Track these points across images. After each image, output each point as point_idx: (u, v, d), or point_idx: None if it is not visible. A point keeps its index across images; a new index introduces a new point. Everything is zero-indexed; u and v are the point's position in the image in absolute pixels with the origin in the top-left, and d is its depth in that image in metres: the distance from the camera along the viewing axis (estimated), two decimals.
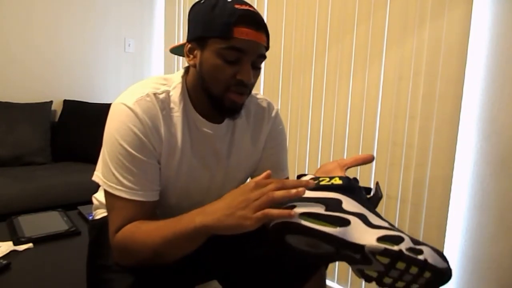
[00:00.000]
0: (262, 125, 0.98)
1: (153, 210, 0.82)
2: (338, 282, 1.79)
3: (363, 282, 1.70)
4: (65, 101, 2.68)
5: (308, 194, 0.64)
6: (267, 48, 0.84)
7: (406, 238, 0.57)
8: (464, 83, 1.35)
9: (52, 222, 1.41)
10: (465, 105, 1.37)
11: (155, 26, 3.11)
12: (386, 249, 0.55)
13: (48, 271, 1.11)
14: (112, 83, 2.96)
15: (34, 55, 2.64)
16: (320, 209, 0.61)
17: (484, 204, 1.35)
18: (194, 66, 0.84)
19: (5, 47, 2.53)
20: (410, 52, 1.47)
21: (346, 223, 0.59)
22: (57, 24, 2.69)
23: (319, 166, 1.87)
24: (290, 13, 1.92)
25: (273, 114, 1.00)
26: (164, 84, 0.85)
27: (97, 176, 0.83)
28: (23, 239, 1.24)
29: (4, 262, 1.09)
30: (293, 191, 0.62)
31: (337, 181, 0.66)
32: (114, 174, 0.78)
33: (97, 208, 1.01)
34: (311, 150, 1.88)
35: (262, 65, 0.88)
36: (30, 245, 1.23)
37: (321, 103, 1.82)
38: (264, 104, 0.99)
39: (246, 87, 0.82)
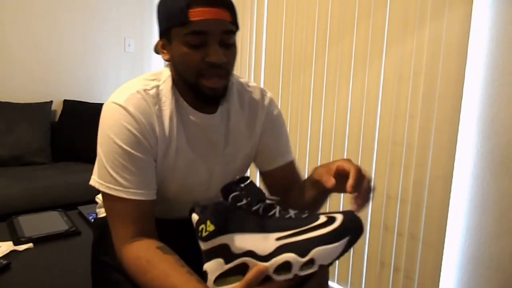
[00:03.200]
0: (257, 112, 0.96)
1: (151, 210, 0.81)
2: (338, 282, 1.80)
3: (363, 282, 1.70)
4: (65, 101, 2.68)
5: (205, 245, 0.61)
6: (234, 23, 0.81)
7: (294, 259, 0.56)
8: (464, 83, 1.35)
9: (52, 222, 1.41)
10: (465, 105, 1.37)
11: (155, 26, 3.11)
12: (285, 279, 0.57)
13: (48, 271, 1.11)
14: (112, 83, 2.96)
15: (34, 55, 2.64)
16: (221, 264, 0.60)
17: (484, 204, 1.35)
18: (169, 61, 0.84)
19: (5, 47, 2.53)
20: (410, 52, 1.47)
21: (245, 269, 0.59)
22: (57, 24, 2.69)
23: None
24: (290, 13, 1.92)
25: (267, 100, 0.98)
26: (153, 80, 0.85)
27: (94, 179, 0.81)
28: (23, 239, 1.24)
29: (4, 262, 1.09)
30: None
31: (211, 227, 0.60)
32: (111, 175, 0.77)
33: (101, 207, 1.01)
34: (311, 150, 1.88)
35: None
36: (30, 245, 1.23)
37: (321, 103, 1.82)
38: (257, 91, 0.98)
39: (220, 69, 0.79)
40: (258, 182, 2.15)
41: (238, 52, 0.89)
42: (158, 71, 0.89)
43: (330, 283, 1.80)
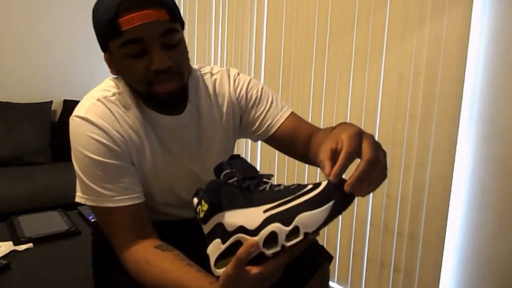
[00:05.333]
0: (224, 95, 0.92)
1: (143, 212, 0.80)
2: (338, 282, 1.80)
3: (363, 282, 1.70)
4: (65, 101, 2.68)
5: (206, 228, 0.61)
6: (175, 19, 0.75)
7: (279, 228, 0.55)
8: (464, 83, 1.35)
9: (52, 222, 1.41)
10: (465, 105, 1.37)
11: None
12: (273, 253, 0.56)
13: (48, 271, 1.11)
14: None
15: (34, 55, 2.64)
16: (219, 245, 0.59)
17: (483, 204, 1.35)
18: (117, 74, 0.82)
19: (5, 47, 2.53)
20: (410, 52, 1.47)
21: (239, 244, 0.58)
22: (57, 24, 2.70)
23: (319, 168, 1.87)
24: (290, 13, 1.92)
25: (232, 77, 0.93)
26: (113, 87, 0.83)
27: (78, 196, 0.80)
28: (23, 239, 1.24)
29: (4, 262, 1.09)
30: None
31: (205, 206, 0.60)
32: (92, 188, 0.76)
33: None
34: None
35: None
36: (30, 245, 1.23)
37: (321, 103, 1.82)
38: (223, 74, 0.93)
39: (169, 73, 0.75)
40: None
41: (238, 51, 0.86)
42: (116, 78, 0.85)
43: (330, 283, 1.80)
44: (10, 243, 1.23)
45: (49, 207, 1.79)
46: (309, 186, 0.57)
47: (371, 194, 1.65)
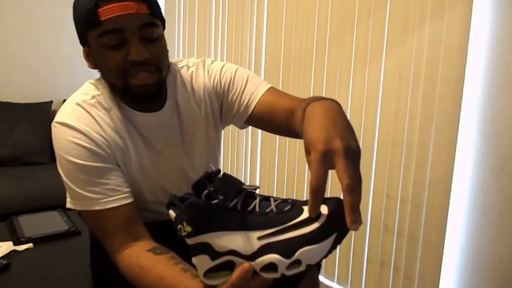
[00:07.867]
0: (200, 86, 0.91)
1: (133, 212, 0.79)
2: (338, 282, 1.80)
3: (363, 282, 1.70)
4: (65, 101, 2.68)
5: (189, 241, 0.59)
6: (155, 14, 0.76)
7: (278, 260, 0.54)
8: (464, 83, 1.35)
9: (52, 222, 1.42)
10: (465, 105, 1.37)
11: None
12: (273, 278, 0.56)
13: (48, 271, 1.12)
14: None
15: (34, 55, 2.64)
16: (208, 260, 0.58)
17: (484, 204, 1.35)
18: (95, 68, 0.82)
19: (5, 47, 2.53)
20: (410, 52, 1.47)
21: (232, 265, 0.57)
22: (57, 24, 2.70)
23: None
24: (290, 13, 1.92)
25: (206, 66, 0.93)
26: (93, 89, 0.83)
27: (68, 201, 0.81)
28: (23, 239, 1.24)
29: (4, 262, 1.09)
30: None
31: (188, 228, 0.56)
32: (79, 192, 0.76)
33: None
34: None
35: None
36: (30, 245, 1.23)
37: None
38: (198, 66, 0.93)
39: (147, 65, 0.75)
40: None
41: (238, 51, 0.85)
42: (95, 81, 0.86)
43: (330, 283, 1.80)
44: (10, 243, 1.23)
45: (49, 207, 1.79)
46: (305, 214, 0.55)
47: (371, 194, 1.66)
